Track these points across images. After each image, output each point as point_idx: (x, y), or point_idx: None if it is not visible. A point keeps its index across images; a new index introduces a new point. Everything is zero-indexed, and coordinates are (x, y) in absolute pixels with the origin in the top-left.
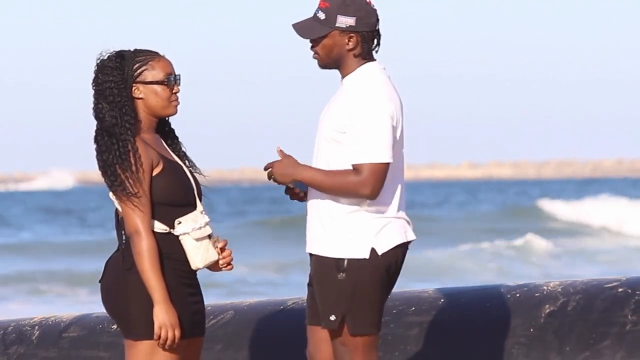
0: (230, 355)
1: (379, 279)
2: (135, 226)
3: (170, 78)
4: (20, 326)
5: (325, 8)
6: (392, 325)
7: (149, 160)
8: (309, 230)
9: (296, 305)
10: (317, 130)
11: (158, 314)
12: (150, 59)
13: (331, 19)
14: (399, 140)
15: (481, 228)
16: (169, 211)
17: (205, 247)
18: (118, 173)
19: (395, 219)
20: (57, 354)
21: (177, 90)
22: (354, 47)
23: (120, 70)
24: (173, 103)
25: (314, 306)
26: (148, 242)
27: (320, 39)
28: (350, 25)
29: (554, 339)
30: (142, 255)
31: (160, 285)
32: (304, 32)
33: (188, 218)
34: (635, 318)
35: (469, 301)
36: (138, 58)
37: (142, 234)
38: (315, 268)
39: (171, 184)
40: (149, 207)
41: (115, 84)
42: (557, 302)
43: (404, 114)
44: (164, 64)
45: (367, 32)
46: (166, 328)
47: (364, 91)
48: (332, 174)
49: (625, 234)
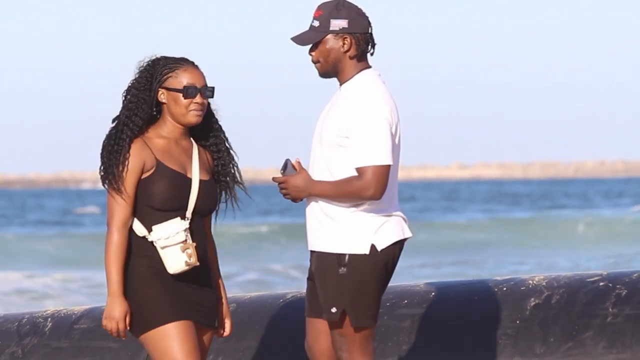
0: (232, 345)
1: (378, 273)
2: (109, 220)
3: (190, 88)
4: (34, 318)
5: (319, 16)
6: (385, 317)
7: (139, 162)
8: (310, 229)
9: (295, 298)
10: (314, 134)
11: (108, 307)
12: (179, 67)
13: (325, 24)
14: (397, 144)
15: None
16: (151, 214)
17: (173, 253)
18: (106, 167)
19: (392, 216)
20: (68, 345)
21: (199, 101)
22: (349, 48)
23: (148, 73)
24: (192, 112)
25: (313, 299)
26: (116, 237)
27: (317, 45)
28: (343, 27)
29: (539, 330)
30: (107, 249)
31: (116, 279)
32: (301, 41)
33: (161, 226)
34: (615, 310)
35: (458, 295)
36: (169, 65)
37: (112, 229)
38: (317, 263)
39: (157, 190)
40: (126, 205)
41: (139, 84)
42: (541, 296)
43: (400, 119)
44: (190, 74)
45: (360, 34)
46: (111, 320)
47: (363, 97)
48: (338, 184)
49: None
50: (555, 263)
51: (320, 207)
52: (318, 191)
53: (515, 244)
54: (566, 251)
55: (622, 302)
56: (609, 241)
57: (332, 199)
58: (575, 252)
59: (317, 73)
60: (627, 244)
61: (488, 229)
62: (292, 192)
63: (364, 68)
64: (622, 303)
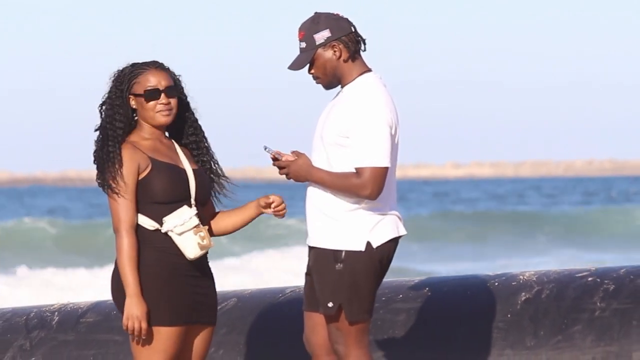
0: (233, 339)
1: (373, 269)
2: (116, 224)
3: (150, 91)
4: (41, 312)
5: (303, 37)
6: (381, 311)
7: (134, 164)
8: (309, 225)
9: (294, 293)
10: (315, 133)
11: (127, 307)
12: (143, 71)
13: (310, 42)
14: (395, 146)
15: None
16: (159, 208)
17: (189, 239)
18: (104, 173)
19: (388, 215)
20: (75, 338)
21: (164, 101)
22: (341, 53)
23: (118, 82)
24: (158, 114)
25: (311, 294)
26: (126, 240)
27: (312, 64)
28: (328, 37)
29: (529, 323)
30: (120, 252)
31: (133, 280)
32: (296, 66)
33: (172, 215)
34: (603, 305)
35: (451, 289)
36: (135, 71)
37: (121, 233)
38: (315, 259)
39: (158, 185)
40: (130, 207)
41: (111, 94)
42: (532, 290)
43: (399, 121)
44: (152, 76)
45: (345, 36)
46: (132, 319)
47: (365, 99)
48: (337, 176)
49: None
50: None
51: (319, 205)
52: (316, 177)
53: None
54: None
55: (609, 297)
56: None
57: (328, 188)
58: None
59: (322, 88)
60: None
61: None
62: (292, 174)
63: (364, 71)
64: (610, 298)
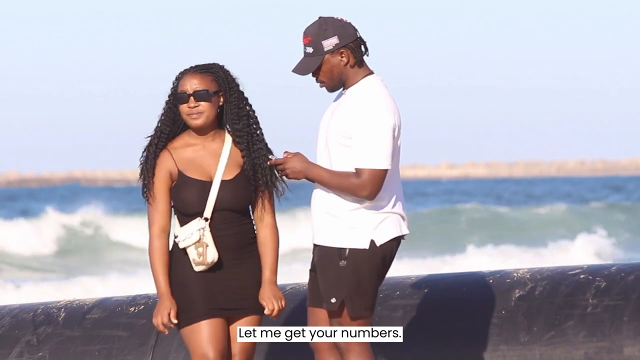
0: None
1: (376, 267)
2: (149, 227)
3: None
4: (48, 308)
5: (310, 42)
6: (379, 307)
7: (165, 173)
8: (314, 224)
9: (294, 290)
10: (319, 133)
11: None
12: (182, 76)
13: (318, 47)
14: (398, 147)
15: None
16: (181, 218)
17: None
18: (142, 178)
19: (391, 214)
20: (80, 334)
21: (191, 105)
22: (348, 60)
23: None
24: (189, 117)
25: (315, 290)
26: (156, 243)
27: (319, 69)
28: (336, 43)
29: (523, 319)
30: (150, 255)
31: (162, 280)
32: (303, 71)
33: (182, 228)
34: (595, 302)
35: (448, 286)
36: (178, 76)
37: (152, 236)
38: (320, 256)
39: (177, 199)
40: (161, 212)
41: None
42: (525, 287)
43: (402, 123)
44: (184, 81)
45: (352, 42)
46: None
47: (368, 101)
48: (336, 174)
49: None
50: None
51: (323, 204)
52: (315, 175)
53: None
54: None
55: (601, 294)
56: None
57: (326, 186)
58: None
59: (326, 90)
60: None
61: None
62: (290, 172)
63: (367, 74)
64: (602, 294)
